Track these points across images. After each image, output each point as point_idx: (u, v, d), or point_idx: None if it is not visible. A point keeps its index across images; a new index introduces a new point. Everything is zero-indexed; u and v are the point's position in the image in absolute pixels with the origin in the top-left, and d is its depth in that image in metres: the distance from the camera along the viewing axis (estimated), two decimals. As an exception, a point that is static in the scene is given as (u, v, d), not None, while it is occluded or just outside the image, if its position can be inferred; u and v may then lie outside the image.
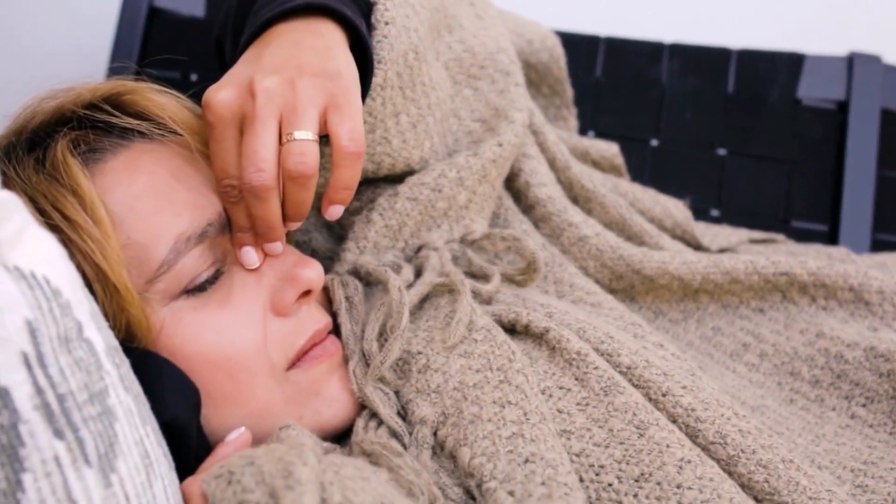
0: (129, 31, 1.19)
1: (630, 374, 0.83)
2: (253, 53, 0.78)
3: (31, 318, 0.61)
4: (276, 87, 0.74)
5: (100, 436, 0.62)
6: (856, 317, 0.98)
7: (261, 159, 0.73)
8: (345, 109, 0.75)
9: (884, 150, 1.20)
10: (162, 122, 0.80)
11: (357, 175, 0.76)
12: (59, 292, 0.63)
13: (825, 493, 0.76)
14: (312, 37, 0.78)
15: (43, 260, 0.64)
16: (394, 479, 0.71)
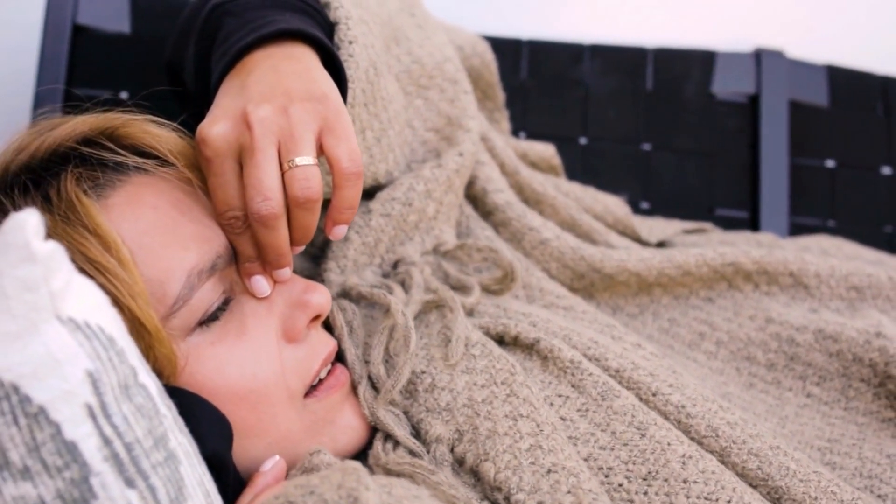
0: (53, 50, 1.16)
1: (619, 377, 0.87)
2: (236, 83, 0.78)
3: (91, 369, 0.61)
4: (271, 115, 0.74)
5: (169, 481, 0.62)
6: (796, 300, 1.05)
7: (266, 188, 0.73)
8: (339, 131, 0.76)
9: (794, 139, 1.28)
10: (160, 154, 0.79)
11: (359, 194, 0.78)
12: (114, 340, 0.63)
13: (813, 475, 0.83)
14: (290, 61, 0.79)
15: (93, 308, 0.63)
16: (435, 496, 0.73)
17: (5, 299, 0.59)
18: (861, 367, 0.96)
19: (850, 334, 0.97)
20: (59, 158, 0.78)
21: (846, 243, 1.18)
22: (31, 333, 0.60)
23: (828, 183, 1.29)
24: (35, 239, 0.59)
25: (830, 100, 1.30)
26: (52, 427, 0.59)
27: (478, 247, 0.95)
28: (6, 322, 0.59)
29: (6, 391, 0.59)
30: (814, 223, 1.27)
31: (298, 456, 0.80)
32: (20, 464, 0.59)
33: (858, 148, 1.30)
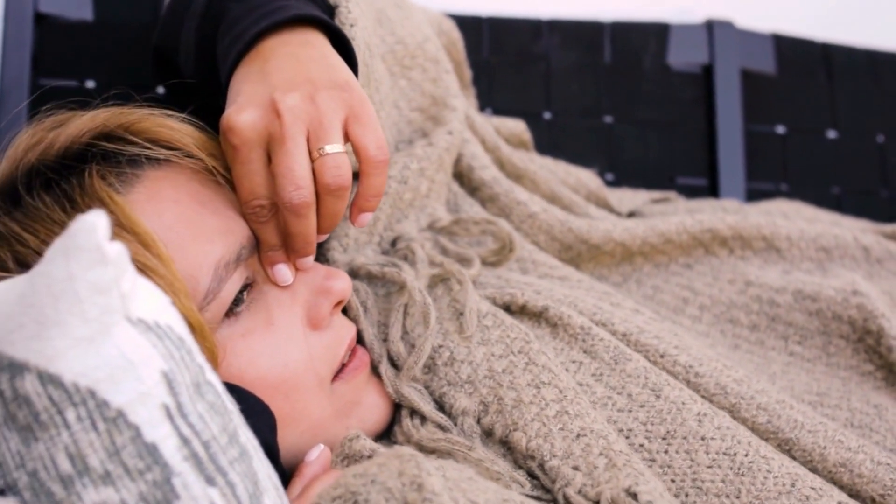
0: (16, 39, 1.13)
1: (627, 341, 0.90)
2: (254, 69, 0.78)
3: (166, 370, 0.61)
4: (300, 103, 0.74)
5: (245, 476, 0.62)
6: (769, 263, 1.10)
7: (299, 177, 0.74)
8: (364, 119, 0.77)
9: (747, 107, 1.32)
10: (181, 146, 0.79)
11: (385, 181, 0.78)
12: (182, 339, 0.63)
13: (819, 425, 0.87)
14: (307, 48, 0.79)
15: (159, 308, 0.63)
16: (479, 473, 0.75)
17: (78, 303, 0.58)
18: (840, 325, 1.01)
19: (828, 293, 1.02)
20: (77, 154, 0.77)
21: (804, 207, 1.23)
22: (104, 337, 0.59)
23: (779, 148, 1.34)
24: (105, 241, 0.59)
25: (778, 67, 1.35)
26: (132, 430, 0.59)
27: (475, 220, 0.96)
28: (79, 326, 0.59)
29: (82, 396, 0.59)
30: (768, 187, 1.32)
31: (329, 441, 0.81)
32: (101, 469, 0.59)
33: (805, 113, 1.35)
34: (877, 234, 1.14)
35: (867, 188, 1.35)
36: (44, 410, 0.59)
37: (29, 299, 0.59)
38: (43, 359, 0.59)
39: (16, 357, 0.59)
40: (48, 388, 0.59)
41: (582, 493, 0.77)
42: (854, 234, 1.11)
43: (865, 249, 1.10)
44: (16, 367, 0.59)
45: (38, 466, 0.59)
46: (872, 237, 1.12)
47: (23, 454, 0.60)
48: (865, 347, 1.00)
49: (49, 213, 0.74)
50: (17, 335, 0.59)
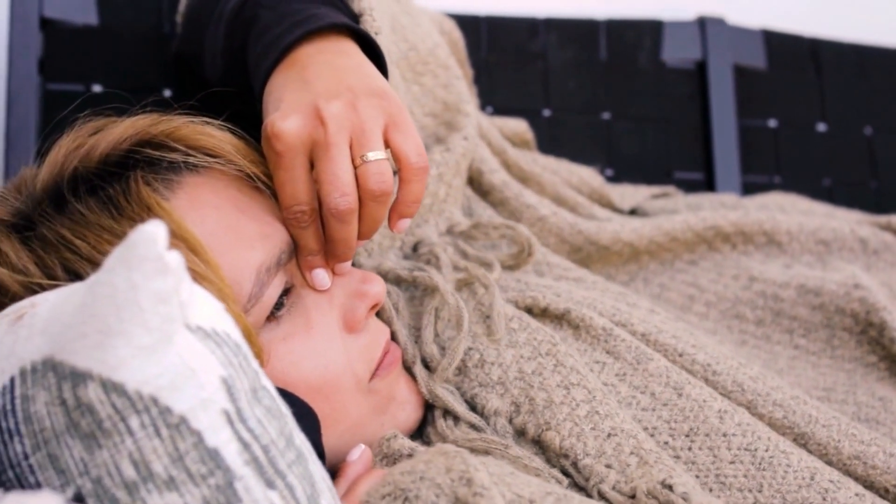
0: (22, 45, 1.13)
1: (646, 341, 0.92)
2: (293, 77, 0.79)
3: (225, 376, 0.62)
4: (343, 111, 0.76)
5: (303, 478, 0.64)
6: (771, 257, 1.12)
7: (344, 184, 0.75)
8: (403, 127, 0.78)
9: (740, 102, 1.35)
10: (222, 153, 0.79)
11: (424, 188, 0.80)
12: (239, 345, 0.64)
13: (833, 420, 0.90)
14: (343, 57, 0.81)
15: (215, 315, 0.64)
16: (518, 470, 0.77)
17: (140, 313, 0.59)
18: (843, 318, 1.03)
19: (830, 287, 1.04)
20: (119, 161, 0.78)
21: (799, 199, 1.26)
22: (165, 345, 0.60)
23: (772, 142, 1.37)
24: (165, 251, 0.60)
25: (768, 63, 1.38)
26: (194, 436, 0.60)
27: (494, 224, 0.97)
28: (141, 335, 0.60)
29: (145, 404, 0.60)
30: (762, 180, 1.35)
31: (366, 440, 0.82)
32: (164, 475, 0.60)
33: (796, 107, 1.38)
34: (872, 226, 1.17)
35: (857, 180, 1.38)
36: (107, 418, 0.60)
37: (90, 309, 0.60)
38: (106, 367, 0.59)
39: (78, 366, 0.60)
40: (112, 397, 0.60)
41: (616, 489, 0.79)
42: (851, 227, 1.14)
43: (863, 241, 1.13)
44: (78, 376, 0.60)
45: (102, 473, 0.60)
46: (869, 229, 1.15)
47: (86, 461, 0.61)
48: (868, 339, 1.02)
49: (97, 219, 0.74)
50: (80, 345, 0.60)
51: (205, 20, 0.91)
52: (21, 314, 0.65)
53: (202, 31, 0.91)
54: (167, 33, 1.18)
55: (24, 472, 0.62)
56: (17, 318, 0.65)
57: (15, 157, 1.10)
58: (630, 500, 0.78)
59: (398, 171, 0.78)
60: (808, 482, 0.84)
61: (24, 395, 0.62)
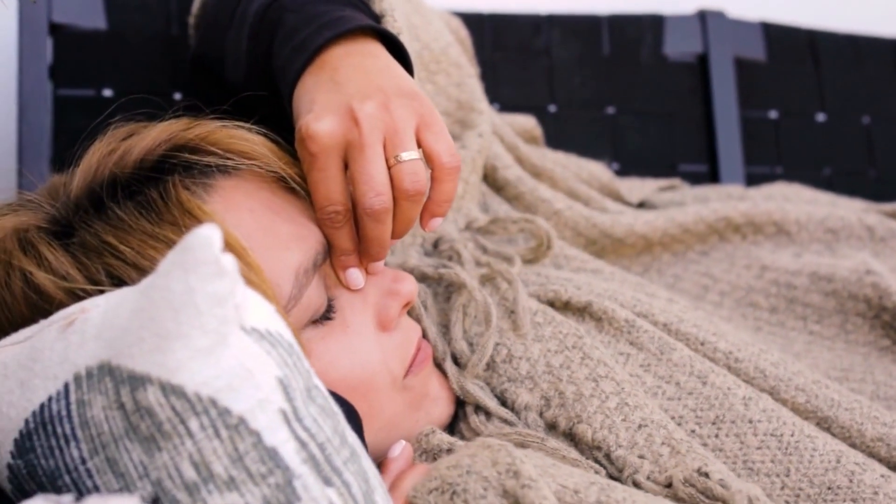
0: (32, 51, 1.13)
1: (668, 330, 0.93)
2: (324, 79, 0.79)
3: (280, 376, 0.63)
4: (376, 112, 0.76)
5: (358, 475, 0.65)
6: (780, 246, 1.14)
7: (379, 184, 0.76)
8: (435, 127, 0.79)
9: (742, 94, 1.36)
10: (253, 156, 0.80)
11: (455, 187, 0.80)
12: (292, 345, 0.65)
13: (855, 403, 0.91)
14: (372, 59, 0.81)
15: (268, 316, 0.65)
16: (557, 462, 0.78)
17: (198, 315, 0.60)
18: (856, 303, 1.05)
19: (842, 274, 1.06)
20: (154, 165, 0.78)
21: (804, 189, 1.27)
22: (222, 347, 0.61)
23: (773, 132, 1.38)
24: (221, 254, 0.60)
25: (767, 54, 1.39)
26: (253, 436, 0.61)
27: (512, 219, 0.98)
28: (199, 338, 0.60)
29: (204, 406, 0.60)
30: (765, 171, 1.37)
31: (401, 436, 0.83)
32: (225, 475, 0.61)
33: (795, 98, 1.40)
34: (878, 214, 1.19)
35: (856, 168, 1.40)
36: (167, 420, 0.60)
37: (147, 313, 0.60)
38: (165, 371, 0.60)
39: (136, 370, 0.61)
40: (171, 399, 0.60)
41: (651, 479, 0.80)
42: (858, 215, 1.16)
43: (870, 229, 1.15)
44: (137, 380, 0.61)
45: (162, 476, 0.61)
46: (875, 217, 1.17)
47: (146, 464, 0.61)
48: (882, 324, 1.04)
49: (138, 224, 0.74)
50: (137, 349, 0.61)
51: (224, 23, 0.92)
52: (71, 320, 0.65)
53: (222, 34, 0.91)
54: (176, 36, 1.18)
55: (81, 477, 0.63)
56: (67, 325, 0.65)
57: (29, 162, 1.10)
58: (666, 490, 0.79)
59: (431, 171, 0.79)
60: (834, 465, 0.85)
61: (80, 401, 0.63)
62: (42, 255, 0.73)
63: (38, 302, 0.73)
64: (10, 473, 0.67)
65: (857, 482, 0.85)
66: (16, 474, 0.66)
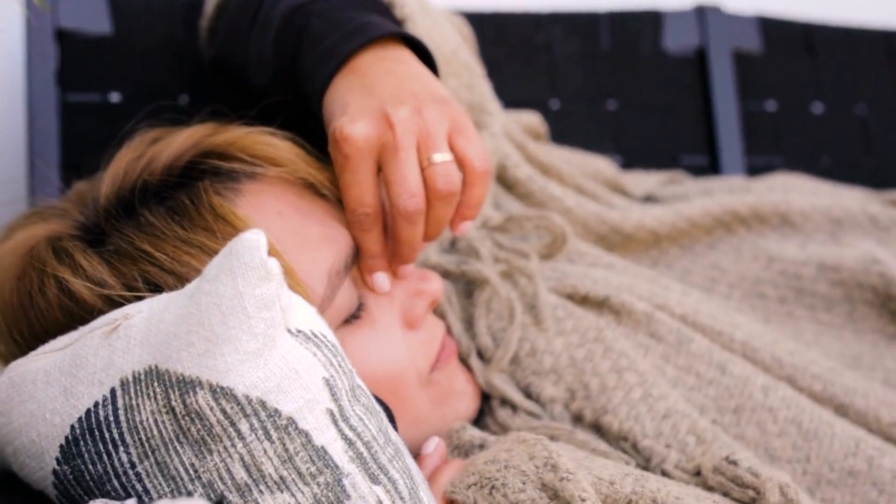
0: (39, 56, 1.13)
1: (685, 322, 0.95)
2: (354, 84, 0.80)
3: (327, 376, 0.63)
4: (410, 116, 0.77)
5: (403, 472, 0.66)
6: (786, 237, 1.15)
7: (413, 185, 0.76)
8: (467, 132, 0.79)
9: (741, 86, 1.38)
10: (281, 161, 0.81)
11: (486, 191, 0.81)
12: (336, 346, 0.66)
13: (870, 389, 0.93)
14: (400, 65, 0.82)
15: (311, 318, 0.66)
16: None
17: (247, 319, 0.61)
18: (863, 292, 1.07)
19: (849, 263, 1.07)
20: (182, 171, 0.79)
21: (805, 180, 1.29)
22: (270, 349, 0.62)
23: (771, 124, 1.40)
24: (267, 258, 0.61)
25: (764, 47, 1.41)
26: (302, 436, 0.62)
27: (527, 216, 0.99)
28: (248, 341, 0.61)
29: (254, 408, 0.61)
30: (765, 162, 1.38)
31: (429, 432, 0.84)
32: (276, 475, 0.61)
33: (792, 89, 1.42)
34: (880, 202, 1.21)
35: (853, 158, 1.42)
36: (217, 423, 0.61)
37: (195, 318, 0.61)
38: (215, 374, 0.61)
39: (185, 374, 0.61)
40: (221, 402, 0.61)
41: (679, 467, 0.81)
42: (861, 206, 1.17)
43: (872, 218, 1.17)
44: (186, 384, 0.61)
45: (213, 477, 0.62)
46: (877, 206, 1.18)
47: (197, 467, 0.62)
48: (889, 312, 1.06)
49: (171, 230, 0.74)
50: (186, 353, 0.61)
51: (245, 27, 0.92)
52: (115, 326, 0.66)
53: (244, 38, 0.92)
54: (181, 39, 1.18)
55: (131, 481, 0.64)
56: (111, 331, 0.66)
57: (39, 168, 1.10)
58: (695, 478, 0.80)
59: (462, 176, 0.79)
60: (853, 451, 0.87)
61: (128, 406, 0.63)
62: (77, 263, 0.74)
63: (74, 309, 0.73)
64: (55, 479, 0.67)
65: (876, 466, 0.87)
66: (62, 480, 0.67)
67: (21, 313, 0.75)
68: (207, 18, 1.04)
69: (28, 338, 0.75)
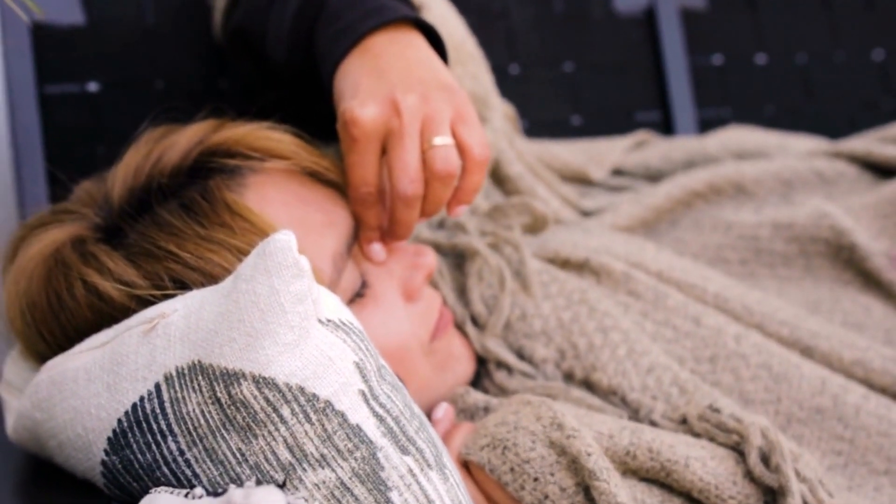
0: (16, 50, 1.15)
1: (660, 277, 1.01)
2: (367, 65, 0.84)
3: (357, 360, 0.69)
4: (417, 103, 0.82)
5: (429, 442, 0.72)
6: (741, 204, 1.21)
7: (413, 170, 0.82)
8: (469, 121, 0.84)
9: (689, 43, 1.45)
10: (286, 154, 0.85)
11: (483, 178, 0.86)
12: (362, 331, 0.71)
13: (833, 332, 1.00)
14: (413, 49, 0.86)
15: (338, 307, 0.71)
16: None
17: (283, 314, 0.66)
18: (817, 245, 1.13)
19: (801, 220, 1.14)
20: (191, 169, 0.83)
21: (753, 132, 1.36)
22: (305, 340, 0.67)
23: (718, 77, 1.47)
24: (298, 255, 0.66)
25: (709, 4, 1.47)
26: (339, 416, 0.67)
27: (511, 203, 1.04)
28: (285, 334, 0.66)
29: (294, 394, 0.66)
30: (715, 114, 1.45)
31: (434, 397, 0.90)
32: (317, 454, 0.67)
33: (736, 43, 1.49)
34: (825, 156, 1.27)
35: (795, 105, 1.50)
36: (261, 410, 0.66)
37: (235, 315, 0.66)
38: (258, 366, 0.66)
39: (229, 367, 0.66)
40: (263, 391, 0.66)
41: (666, 416, 0.89)
42: (808, 165, 1.24)
43: (819, 174, 1.23)
44: (230, 376, 0.66)
45: (259, 460, 0.67)
46: (823, 161, 1.25)
47: (244, 451, 0.67)
48: (842, 260, 1.13)
49: (191, 228, 0.79)
50: (228, 348, 0.66)
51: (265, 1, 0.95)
52: (153, 325, 0.70)
53: (265, 11, 0.95)
54: (151, 25, 1.21)
55: (180, 467, 0.69)
56: (149, 329, 0.71)
57: (25, 162, 1.13)
58: (682, 426, 0.88)
59: (462, 162, 0.84)
60: (819, 389, 0.95)
61: (174, 398, 0.68)
62: (104, 265, 0.78)
63: (104, 308, 0.78)
64: (104, 469, 0.72)
65: (840, 403, 0.95)
66: (110, 469, 0.72)
67: (51, 314, 0.79)
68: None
69: (59, 336, 0.80)
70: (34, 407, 0.76)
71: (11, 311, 0.82)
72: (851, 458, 0.94)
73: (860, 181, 1.25)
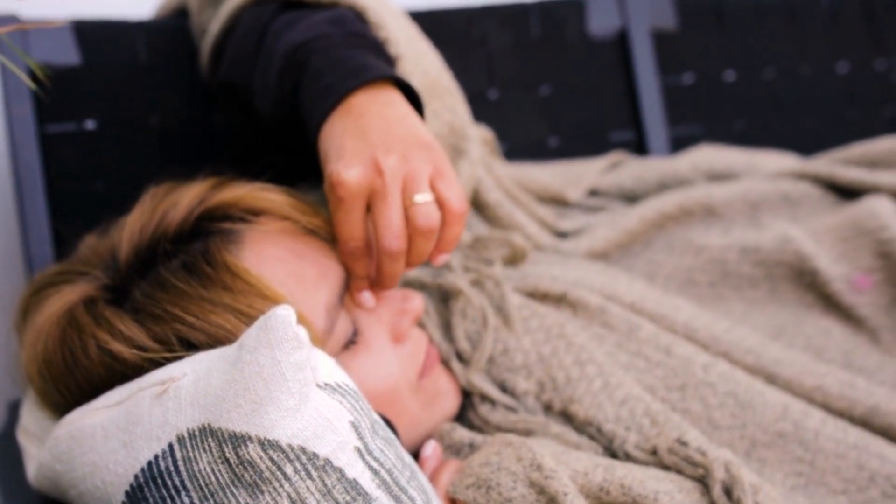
0: (15, 92, 1.20)
1: (633, 309, 1.08)
2: (350, 126, 0.90)
3: (352, 420, 0.76)
4: (398, 163, 0.88)
5: (419, 490, 0.78)
6: (710, 226, 1.27)
7: (397, 227, 0.88)
8: (447, 176, 0.90)
9: (660, 63, 1.51)
10: (280, 213, 0.91)
11: (462, 229, 0.92)
12: (356, 391, 0.78)
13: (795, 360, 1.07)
14: (390, 108, 0.92)
15: (333, 370, 0.78)
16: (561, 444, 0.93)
17: (284, 381, 0.72)
18: (781, 269, 1.19)
19: (767, 245, 1.20)
20: (191, 231, 0.89)
21: (723, 151, 1.42)
22: (304, 404, 0.73)
23: (690, 95, 1.53)
24: (298, 328, 0.72)
25: (679, 24, 1.53)
26: (337, 472, 0.74)
27: (492, 237, 1.10)
28: (287, 399, 0.73)
29: (296, 453, 0.73)
30: (686, 131, 1.51)
31: (422, 433, 0.97)
32: (318, 507, 0.74)
33: (706, 61, 1.55)
34: (790, 177, 1.33)
35: (764, 120, 1.56)
36: (266, 469, 0.73)
37: (241, 384, 0.72)
38: (262, 429, 0.72)
39: (236, 430, 0.73)
40: (268, 452, 0.73)
41: (639, 447, 0.95)
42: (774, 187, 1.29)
43: (784, 196, 1.29)
44: (237, 439, 0.73)
45: (266, 513, 0.74)
46: (788, 182, 1.31)
47: (251, 506, 0.74)
48: (804, 284, 1.19)
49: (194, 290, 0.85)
50: (235, 413, 0.73)
51: (249, 52, 1.01)
52: (164, 388, 0.77)
53: (250, 64, 1.01)
54: (145, 64, 1.26)
55: (193, 519, 0.75)
56: (161, 392, 0.77)
57: (28, 201, 1.18)
58: (653, 457, 0.94)
59: (442, 215, 0.90)
60: (782, 415, 1.02)
61: (186, 457, 0.75)
62: (115, 327, 0.84)
63: (117, 367, 0.84)
64: (121, 520, 0.78)
65: (801, 428, 1.02)
66: (128, 519, 0.78)
67: (66, 371, 0.86)
68: (212, 37, 1.11)
69: (75, 391, 0.86)
70: (55, 459, 0.83)
71: (30, 370, 0.88)
72: (811, 479, 1.01)
73: (823, 202, 1.31)
